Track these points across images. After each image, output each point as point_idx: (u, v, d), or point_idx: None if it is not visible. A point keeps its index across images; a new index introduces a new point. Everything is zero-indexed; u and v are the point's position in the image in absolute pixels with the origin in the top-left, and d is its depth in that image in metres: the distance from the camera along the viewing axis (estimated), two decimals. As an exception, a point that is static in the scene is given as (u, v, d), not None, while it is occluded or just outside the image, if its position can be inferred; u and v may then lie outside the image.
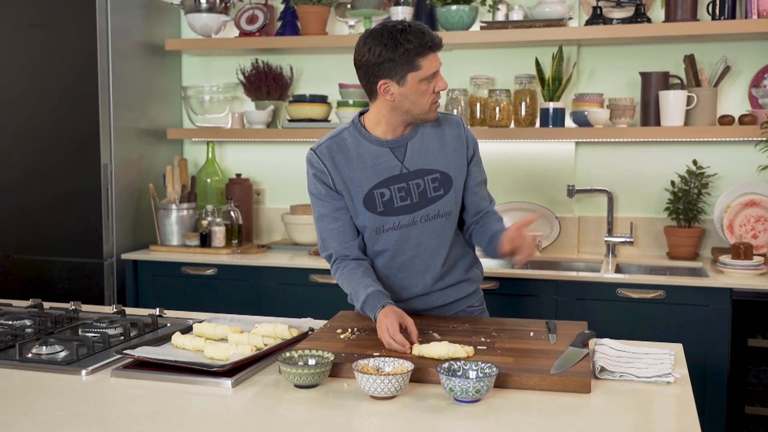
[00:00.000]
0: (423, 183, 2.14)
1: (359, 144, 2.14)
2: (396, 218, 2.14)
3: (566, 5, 3.44)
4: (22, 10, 3.54)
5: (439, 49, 2.05)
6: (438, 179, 2.15)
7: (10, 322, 2.14)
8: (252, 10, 3.79)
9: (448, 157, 2.17)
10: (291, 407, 1.60)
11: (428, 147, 2.16)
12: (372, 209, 2.14)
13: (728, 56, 3.40)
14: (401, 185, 2.14)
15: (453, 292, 2.28)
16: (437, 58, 2.06)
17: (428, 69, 2.03)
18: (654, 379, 1.72)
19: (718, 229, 3.34)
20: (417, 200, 2.14)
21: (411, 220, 2.15)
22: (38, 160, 3.58)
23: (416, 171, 2.14)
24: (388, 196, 2.13)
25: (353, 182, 2.14)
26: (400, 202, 2.14)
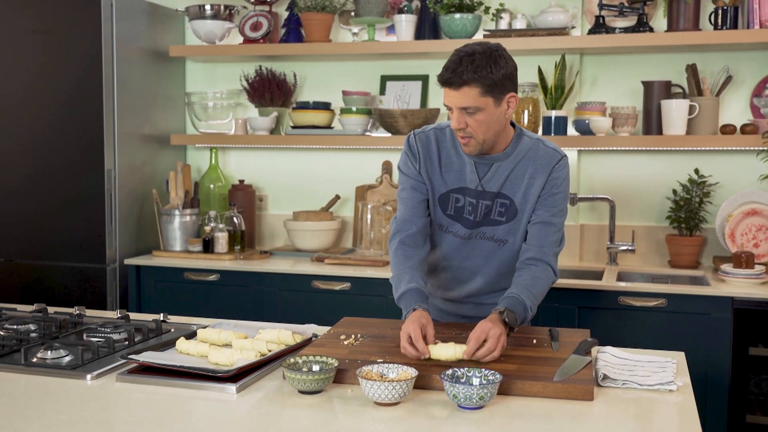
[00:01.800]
0: (492, 205, 2.17)
1: (454, 147, 2.19)
2: (459, 226, 2.20)
3: (569, 14, 3.45)
4: (27, 15, 3.56)
5: (451, 86, 2.01)
6: (506, 206, 2.16)
7: (15, 327, 2.15)
8: (256, 17, 3.81)
9: (523, 185, 2.15)
10: (295, 413, 1.60)
11: (511, 174, 2.15)
12: (444, 209, 2.20)
13: (730, 66, 3.41)
14: (472, 200, 2.17)
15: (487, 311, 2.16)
16: (451, 96, 2.02)
17: (444, 96, 2.06)
18: (657, 387, 1.73)
19: (720, 238, 3.35)
20: (480, 219, 2.18)
21: (467, 234, 2.20)
22: (42, 165, 3.60)
23: (492, 193, 2.16)
24: (461, 203, 2.19)
25: (436, 178, 2.20)
26: (467, 214, 2.19)
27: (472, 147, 2.08)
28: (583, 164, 3.63)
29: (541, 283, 2.11)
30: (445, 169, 2.19)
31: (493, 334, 1.85)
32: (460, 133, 2.07)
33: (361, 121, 3.65)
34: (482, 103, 2.01)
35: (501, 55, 2.03)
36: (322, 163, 3.96)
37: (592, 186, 3.62)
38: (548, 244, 2.15)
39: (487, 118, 2.03)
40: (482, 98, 2.00)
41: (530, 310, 2.05)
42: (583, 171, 3.63)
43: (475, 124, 2.03)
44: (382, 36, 3.80)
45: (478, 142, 2.06)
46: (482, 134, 2.05)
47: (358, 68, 3.89)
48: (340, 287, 3.31)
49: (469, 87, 1.99)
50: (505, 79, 2.02)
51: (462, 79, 1.98)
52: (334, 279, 3.32)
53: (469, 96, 1.99)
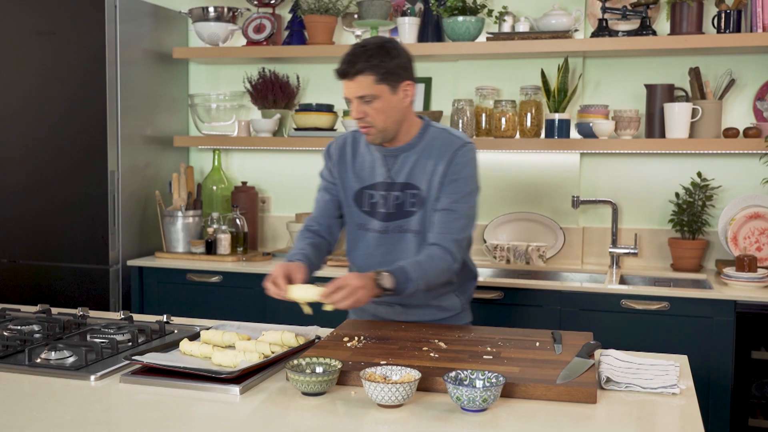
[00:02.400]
0: (402, 196, 2.21)
1: (367, 145, 2.29)
2: (375, 221, 2.25)
3: (572, 17, 3.46)
4: (31, 17, 3.57)
5: (346, 77, 2.10)
6: (416, 195, 2.20)
7: (19, 328, 2.15)
8: (259, 19, 3.81)
9: (428, 177, 2.19)
10: (298, 414, 1.61)
11: (419, 162, 2.21)
12: (359, 206, 2.27)
13: (733, 69, 3.42)
14: (383, 193, 2.24)
15: (417, 313, 2.30)
16: (348, 87, 2.12)
17: (343, 89, 2.15)
18: (660, 390, 1.73)
19: (723, 242, 3.35)
20: (393, 210, 2.23)
21: (384, 228, 2.25)
22: (45, 167, 3.60)
23: (400, 184, 2.22)
24: (375, 199, 2.25)
25: (348, 177, 2.29)
26: (381, 207, 2.24)
27: (373, 136, 2.16)
28: (585, 167, 3.63)
29: (434, 262, 2.11)
30: (358, 167, 2.28)
31: (352, 285, 1.95)
32: (360, 123, 2.15)
33: (364, 124, 3.65)
34: (377, 91, 2.10)
35: (394, 46, 2.14)
36: (324, 165, 3.96)
37: (594, 189, 3.62)
38: (449, 231, 2.15)
39: (385, 105, 2.12)
40: (377, 86, 2.10)
41: (414, 281, 2.05)
42: (586, 174, 3.63)
43: (373, 112, 2.12)
44: (385, 38, 3.80)
45: (379, 130, 2.15)
46: (381, 122, 2.13)
47: (361, 70, 3.88)
48: (343, 289, 3.30)
49: (364, 75, 2.09)
50: (398, 67, 2.12)
51: (356, 68, 2.08)
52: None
53: (364, 84, 2.09)
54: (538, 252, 3.54)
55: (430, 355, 1.91)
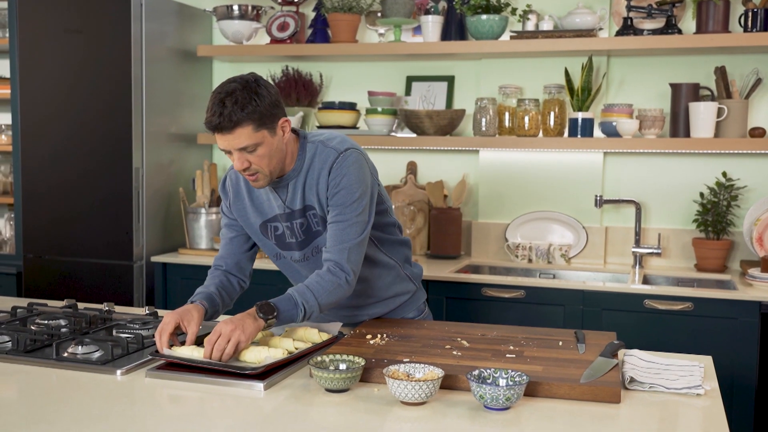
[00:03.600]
0: (306, 221, 2.15)
1: None
2: (289, 252, 2.21)
3: (597, 16, 3.44)
4: (59, 15, 3.61)
5: (221, 132, 1.95)
6: (316, 215, 2.14)
7: (47, 322, 2.18)
8: (283, 17, 3.83)
9: (316, 196, 2.12)
10: (322, 411, 1.62)
11: (306, 184, 2.12)
12: (267, 237, 2.22)
13: (760, 68, 3.38)
14: (287, 224, 2.17)
15: (375, 309, 2.31)
16: (226, 139, 1.97)
17: (218, 142, 2.00)
18: (684, 391, 1.72)
19: (747, 242, 3.32)
20: (302, 237, 2.17)
21: (302, 256, 2.20)
22: (71, 164, 3.64)
23: (299, 210, 2.14)
24: (280, 231, 2.19)
25: (249, 213, 2.21)
26: (289, 238, 2.19)
27: (261, 182, 2.06)
28: (609, 166, 3.61)
29: (322, 284, 2.04)
30: (256, 201, 2.19)
31: (225, 331, 1.84)
32: (246, 173, 2.03)
33: (386, 122, 3.66)
34: (259, 138, 1.97)
35: (260, 84, 1.98)
36: (347, 163, 3.96)
37: (618, 188, 3.61)
38: (341, 241, 2.08)
39: (268, 150, 2.00)
40: (257, 133, 1.97)
41: (300, 306, 1.99)
42: (609, 173, 3.61)
43: (257, 159, 2.00)
44: (408, 37, 3.81)
45: (265, 175, 2.04)
46: (267, 167, 2.03)
47: (384, 69, 3.90)
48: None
49: (242, 127, 1.94)
50: (272, 107, 1.98)
51: (232, 121, 1.93)
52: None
53: (244, 135, 1.95)
54: (560, 251, 3.53)
55: (453, 353, 1.91)
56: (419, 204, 3.69)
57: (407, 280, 2.36)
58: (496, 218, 3.73)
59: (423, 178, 3.86)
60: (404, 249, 2.36)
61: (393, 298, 2.33)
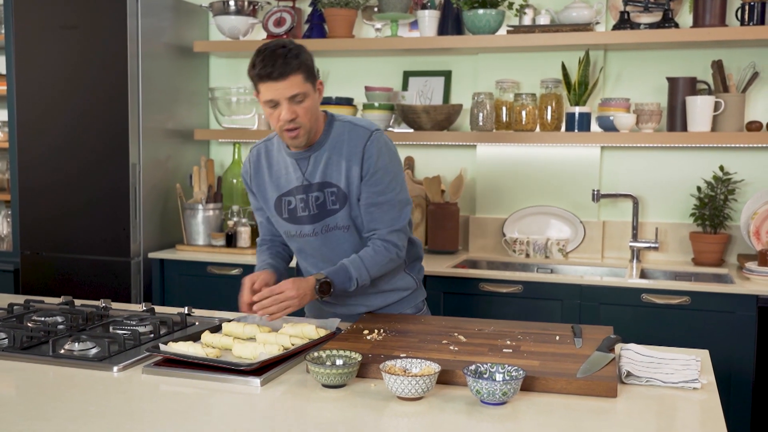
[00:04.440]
0: (322, 196, 2.20)
1: (279, 151, 2.27)
2: (299, 227, 2.25)
3: (593, 10, 3.44)
4: (55, 11, 3.60)
5: (274, 78, 2.02)
6: (335, 193, 2.19)
7: (43, 319, 2.18)
8: (280, 12, 3.82)
9: (343, 171, 2.17)
10: (319, 406, 1.62)
11: (329, 160, 2.18)
12: (280, 214, 2.27)
13: (757, 62, 3.38)
14: (302, 196, 2.22)
15: (374, 301, 2.32)
16: (277, 88, 2.03)
17: (264, 94, 2.07)
18: (681, 385, 1.72)
19: (745, 236, 3.32)
20: (316, 212, 2.21)
21: (312, 230, 2.24)
22: (68, 160, 3.64)
23: (317, 184, 2.19)
24: (293, 205, 2.24)
25: (266, 188, 2.28)
26: (301, 212, 2.23)
27: (301, 138, 2.12)
28: (606, 161, 3.61)
29: (377, 257, 2.16)
30: (275, 176, 2.26)
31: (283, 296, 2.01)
32: (290, 125, 2.08)
33: (383, 117, 3.65)
34: (307, 89, 2.07)
35: (301, 45, 2.11)
36: (344, 159, 3.96)
37: (615, 183, 3.60)
38: (385, 224, 2.17)
39: (312, 104, 2.09)
40: (306, 84, 2.06)
41: (355, 279, 2.13)
42: (607, 167, 3.61)
43: (303, 111, 2.07)
44: (405, 32, 3.80)
45: (306, 130, 2.11)
46: (309, 122, 2.10)
47: (380, 64, 3.89)
48: (362, 282, 3.31)
49: (295, 75, 2.03)
50: (313, 65, 2.12)
51: (289, 67, 2.02)
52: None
53: (296, 83, 2.04)
54: (557, 246, 3.53)
55: (450, 348, 1.91)
56: (416, 199, 3.69)
57: (408, 277, 2.37)
58: (494, 213, 3.73)
59: (420, 173, 3.85)
60: (412, 247, 2.37)
61: (392, 291, 2.33)
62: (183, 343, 1.88)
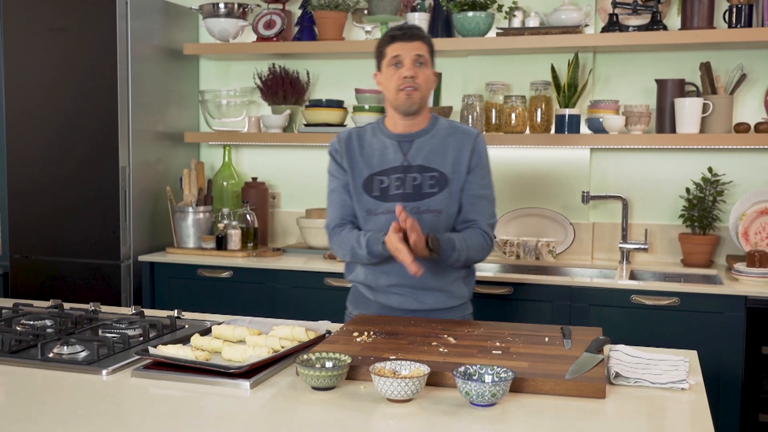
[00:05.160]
0: (420, 178, 2.31)
1: (374, 135, 2.40)
2: (388, 204, 2.32)
3: (582, 12, 3.45)
4: (43, 14, 3.59)
5: (405, 39, 2.27)
6: (436, 178, 2.32)
7: (32, 322, 2.17)
8: (269, 15, 3.82)
9: (449, 160, 2.33)
10: (308, 409, 1.62)
11: (435, 147, 2.34)
12: (369, 192, 2.34)
13: (744, 64, 3.40)
14: (399, 176, 2.33)
15: (428, 299, 2.34)
16: (404, 48, 2.27)
17: (390, 53, 2.29)
18: (669, 386, 1.73)
19: (733, 237, 3.34)
20: (411, 191, 2.32)
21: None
22: (57, 163, 3.63)
23: (417, 166, 2.32)
24: (386, 184, 2.33)
25: (358, 166, 2.36)
26: (395, 190, 2.33)
27: (415, 98, 2.29)
28: (595, 162, 3.62)
29: (476, 240, 2.31)
30: (367, 156, 2.37)
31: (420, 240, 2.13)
32: (408, 83, 2.27)
33: (373, 119, 3.65)
34: (428, 58, 2.31)
35: None
36: (334, 161, 3.96)
37: (604, 184, 3.62)
38: (484, 215, 2.35)
39: (429, 75, 2.32)
40: (428, 55, 2.31)
41: (457, 251, 2.25)
42: (596, 169, 3.63)
43: (422, 75, 2.28)
44: (395, 34, 3.80)
45: (421, 95, 2.30)
46: (425, 89, 2.31)
47: (370, 66, 3.86)
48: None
49: (421, 42, 2.29)
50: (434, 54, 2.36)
51: (417, 33, 2.30)
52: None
53: (421, 48, 2.29)
54: (547, 247, 3.54)
55: (440, 350, 1.92)
56: (407, 201, 3.69)
57: (464, 287, 2.42)
58: (484, 215, 3.73)
59: (411, 176, 3.85)
60: None
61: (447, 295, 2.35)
62: (172, 346, 1.87)
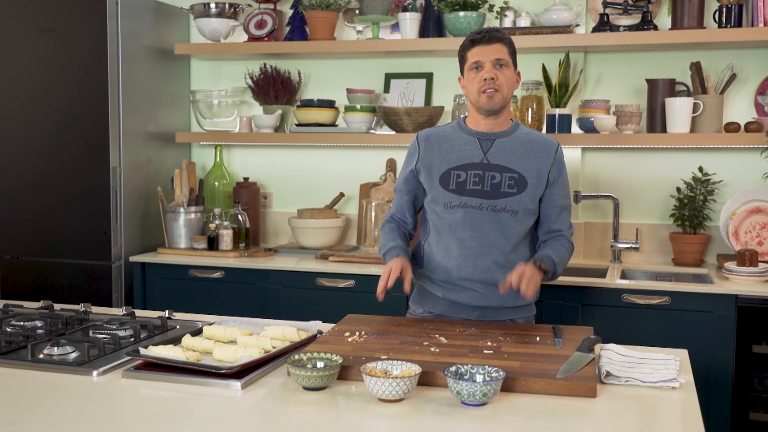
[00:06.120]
0: (500, 177, 2.35)
1: (455, 132, 2.45)
2: (465, 198, 2.35)
3: (573, 12, 3.46)
4: (33, 14, 3.58)
5: (484, 42, 2.33)
6: (515, 179, 2.35)
7: (22, 323, 2.16)
8: (261, 15, 3.81)
9: (530, 164, 2.36)
10: (299, 409, 1.62)
11: (515, 150, 2.38)
12: (445, 186, 2.37)
13: (734, 64, 3.41)
14: (478, 172, 2.36)
15: (499, 296, 2.32)
16: (484, 51, 2.33)
17: (471, 58, 2.35)
18: (659, 384, 1.74)
19: (724, 236, 3.35)
20: (488, 189, 2.35)
21: (479, 204, 2.34)
22: (47, 163, 3.61)
23: (496, 165, 2.36)
24: (463, 178, 2.37)
25: (436, 161, 2.40)
26: (472, 186, 2.35)
27: (497, 99, 2.33)
28: (587, 162, 3.63)
29: (564, 251, 2.39)
30: (447, 150, 2.40)
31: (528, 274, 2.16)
32: (488, 85, 2.31)
33: (365, 119, 3.66)
34: (508, 60, 2.35)
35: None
36: (326, 161, 3.97)
37: (596, 184, 3.63)
38: (566, 225, 2.44)
39: (510, 76, 2.35)
40: (508, 57, 2.35)
41: (558, 266, 2.32)
42: (587, 169, 3.63)
43: (503, 77, 2.32)
44: (386, 34, 3.81)
45: (503, 96, 2.33)
46: (506, 89, 2.34)
47: (362, 66, 3.89)
48: (345, 285, 3.32)
49: (501, 44, 2.34)
50: (516, 54, 2.39)
51: (496, 36, 2.34)
52: (339, 276, 3.33)
53: (501, 51, 2.33)
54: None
55: (431, 350, 1.92)
56: (399, 201, 3.69)
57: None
58: (476, 215, 3.73)
59: (402, 175, 3.85)
60: None
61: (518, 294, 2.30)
62: (163, 347, 1.87)
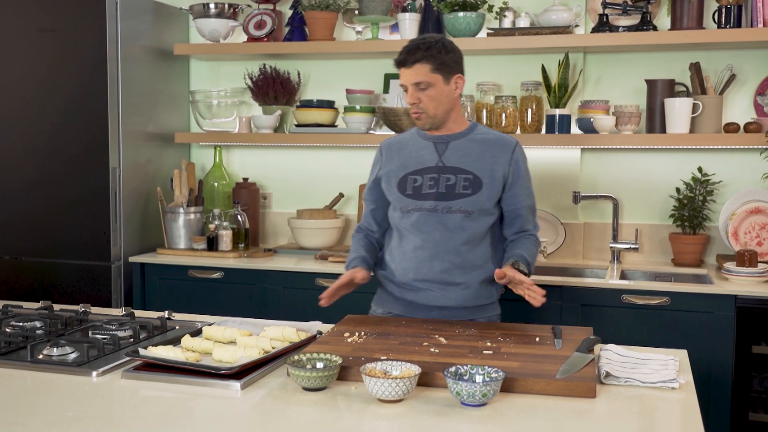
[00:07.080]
0: (454, 179, 2.37)
1: (413, 138, 2.48)
2: (420, 202, 2.37)
3: (573, 12, 3.46)
4: (32, 14, 3.58)
5: (406, 65, 2.32)
6: (470, 180, 2.36)
7: (21, 324, 2.16)
8: (260, 15, 3.81)
9: (485, 165, 2.37)
10: (299, 410, 1.62)
11: (471, 151, 2.39)
12: (402, 191, 2.40)
13: (734, 64, 3.41)
14: (433, 175, 2.38)
15: (456, 296, 2.35)
16: (405, 75, 2.33)
17: (400, 79, 2.37)
18: (659, 385, 1.74)
19: (723, 237, 3.35)
20: (443, 191, 2.36)
21: (434, 206, 2.36)
22: (47, 164, 3.61)
23: (451, 167, 2.37)
24: (419, 183, 2.39)
25: (395, 167, 2.44)
26: (427, 189, 2.37)
27: (423, 121, 2.37)
28: (586, 162, 3.63)
29: (534, 250, 2.43)
30: (404, 157, 2.44)
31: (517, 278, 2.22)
32: (413, 109, 2.35)
33: (364, 120, 3.66)
34: (432, 79, 2.31)
35: (449, 43, 2.37)
36: (325, 161, 3.97)
37: (595, 184, 3.63)
38: (533, 223, 2.46)
39: (438, 93, 2.33)
40: (432, 74, 2.31)
41: (531, 266, 2.36)
42: (587, 169, 3.63)
43: (426, 99, 2.32)
44: (385, 34, 3.81)
45: (429, 116, 2.35)
46: (433, 109, 2.34)
47: (361, 66, 3.89)
48: (344, 285, 3.31)
49: (421, 64, 2.30)
50: (452, 61, 2.35)
51: (414, 57, 2.30)
52: (338, 277, 3.32)
53: (421, 72, 2.30)
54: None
55: (431, 351, 1.92)
56: (398, 201, 3.69)
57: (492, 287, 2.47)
58: (475, 215, 3.73)
59: (402, 176, 3.85)
60: None
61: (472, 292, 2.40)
62: (163, 348, 1.87)
